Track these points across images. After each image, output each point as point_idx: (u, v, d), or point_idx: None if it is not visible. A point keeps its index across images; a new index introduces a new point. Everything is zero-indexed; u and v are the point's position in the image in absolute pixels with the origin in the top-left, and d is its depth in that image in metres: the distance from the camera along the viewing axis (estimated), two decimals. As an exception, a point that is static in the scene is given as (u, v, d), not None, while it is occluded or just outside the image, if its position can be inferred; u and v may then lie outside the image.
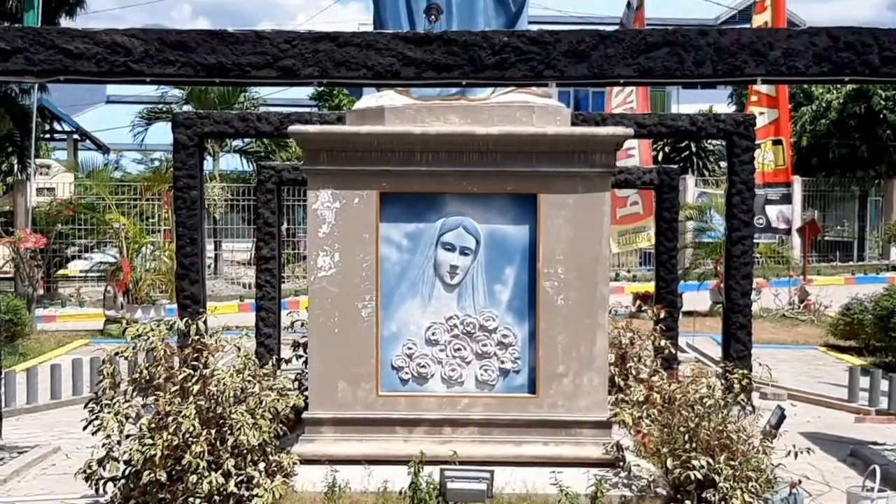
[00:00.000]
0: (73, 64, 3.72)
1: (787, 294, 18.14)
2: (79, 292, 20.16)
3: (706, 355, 12.01)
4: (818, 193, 28.66)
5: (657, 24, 21.43)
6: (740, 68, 3.58)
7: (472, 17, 6.19)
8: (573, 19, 39.90)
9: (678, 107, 38.20)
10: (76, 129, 31.05)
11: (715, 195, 20.96)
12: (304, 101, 33.48)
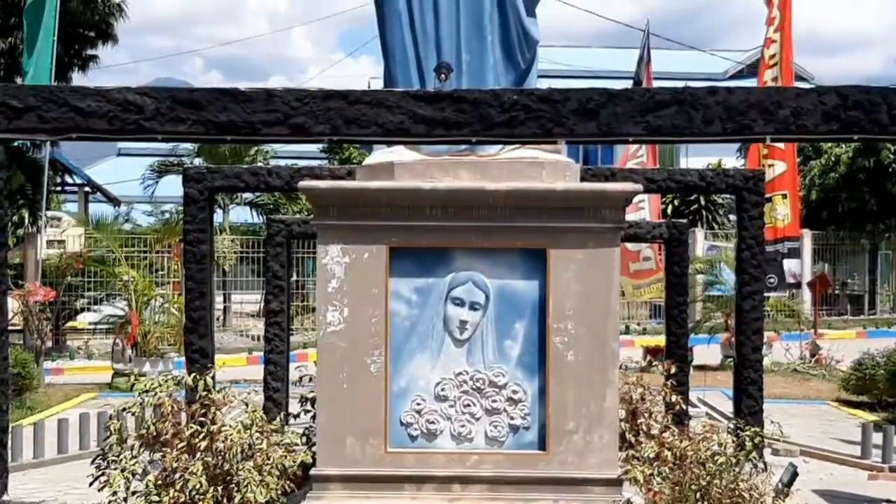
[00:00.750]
0: (85, 122, 3.74)
1: (799, 348, 18.06)
2: (87, 345, 20.18)
3: (717, 410, 11.94)
4: (828, 247, 28.63)
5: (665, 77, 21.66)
6: (749, 127, 3.58)
7: (481, 74, 6.23)
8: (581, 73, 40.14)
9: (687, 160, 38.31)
10: (87, 181, 31.25)
11: (724, 248, 20.96)
12: (315, 153, 33.67)
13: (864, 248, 30.01)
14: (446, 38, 6.25)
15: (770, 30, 15.86)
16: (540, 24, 6.58)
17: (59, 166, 28.00)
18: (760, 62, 16.56)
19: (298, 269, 23.79)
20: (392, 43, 6.35)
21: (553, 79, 34.69)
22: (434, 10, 6.29)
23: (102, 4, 22.14)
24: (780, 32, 15.68)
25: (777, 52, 15.69)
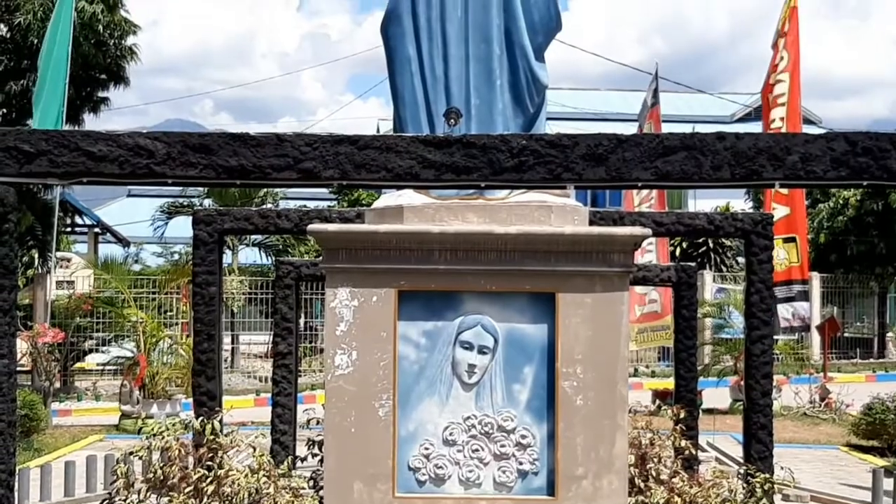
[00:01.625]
0: (96, 166, 3.76)
1: (808, 392, 17.98)
2: (95, 386, 20.16)
3: (727, 455, 11.86)
4: (837, 290, 28.58)
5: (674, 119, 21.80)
6: (758, 172, 3.59)
7: (490, 119, 6.26)
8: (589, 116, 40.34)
9: (695, 202, 38.38)
10: (97, 222, 31.38)
11: (733, 291, 20.93)
12: (324, 194, 33.80)
13: (873, 292, 29.94)
14: (455, 83, 6.29)
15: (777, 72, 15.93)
16: (549, 67, 6.62)
17: (69, 207, 28.13)
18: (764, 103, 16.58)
19: (307, 310, 23.80)
20: (402, 87, 6.39)
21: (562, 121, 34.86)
22: (443, 55, 6.34)
23: (115, 48, 22.32)
24: (787, 73, 15.73)
25: (784, 93, 15.73)
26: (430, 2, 6.37)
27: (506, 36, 6.32)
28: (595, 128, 15.74)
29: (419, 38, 6.38)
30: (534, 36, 6.35)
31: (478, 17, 6.32)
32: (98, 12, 21.11)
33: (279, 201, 27.04)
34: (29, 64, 21.20)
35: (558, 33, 6.60)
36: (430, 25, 6.37)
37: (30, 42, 20.68)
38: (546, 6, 6.37)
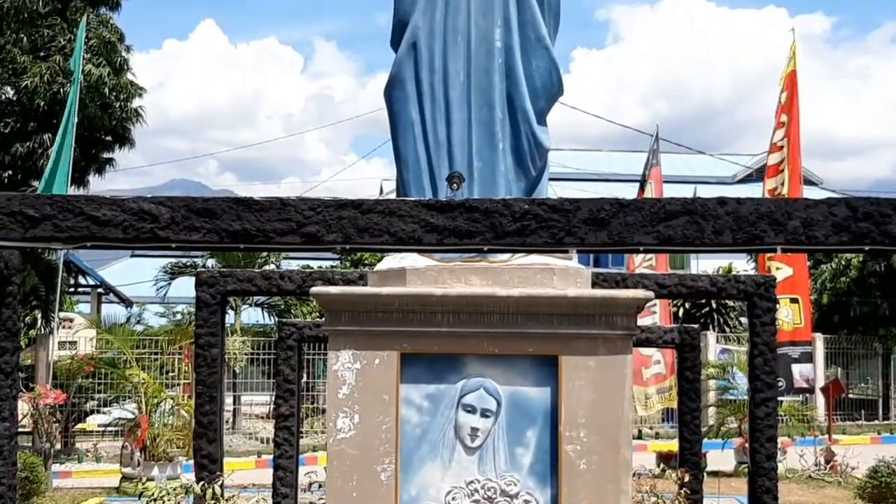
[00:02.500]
0: (101, 231, 3.77)
1: (813, 454, 17.84)
2: (96, 447, 20.05)
3: (732, 518, 11.75)
4: (840, 351, 28.50)
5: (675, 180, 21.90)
6: (759, 237, 3.59)
7: (493, 182, 6.30)
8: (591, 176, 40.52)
9: (697, 262, 38.39)
10: (101, 283, 31.43)
11: (737, 352, 20.87)
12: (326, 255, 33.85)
13: (877, 353, 29.83)
14: (458, 147, 6.33)
15: (778, 134, 16.00)
16: (551, 127, 6.67)
17: (73, 267, 28.19)
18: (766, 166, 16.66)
19: (309, 370, 23.70)
20: (405, 151, 6.44)
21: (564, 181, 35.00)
22: (446, 119, 6.39)
23: (120, 110, 22.51)
24: (787, 138, 15.81)
25: (785, 156, 15.80)
26: (433, 67, 6.44)
27: (508, 100, 6.38)
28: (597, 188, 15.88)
29: (422, 102, 6.44)
30: (536, 100, 6.41)
31: (480, 82, 6.39)
32: (104, 75, 21.33)
33: (282, 262, 27.08)
34: (35, 126, 21.38)
35: (560, 97, 6.66)
36: (433, 90, 6.43)
37: (36, 104, 20.86)
38: (548, 71, 6.44)
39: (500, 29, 6.41)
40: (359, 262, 27.31)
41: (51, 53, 21.45)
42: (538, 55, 6.43)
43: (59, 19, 21.76)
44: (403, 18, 6.56)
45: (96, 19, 22.30)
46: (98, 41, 21.66)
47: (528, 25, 6.41)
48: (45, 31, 21.59)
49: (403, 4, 6.56)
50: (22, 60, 21.11)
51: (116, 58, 22.28)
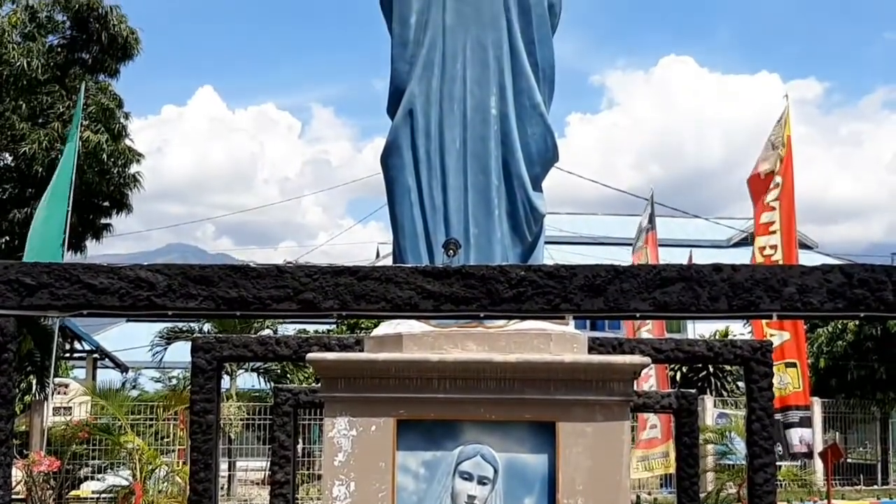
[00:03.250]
0: (97, 298, 3.78)
1: (813, 520, 17.71)
2: (90, 515, 19.87)
3: (732, 586, 11.62)
4: (838, 415, 28.39)
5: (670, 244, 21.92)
6: (755, 304, 3.60)
7: (489, 247, 6.32)
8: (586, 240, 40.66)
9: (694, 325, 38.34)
10: (96, 348, 31.34)
11: (735, 416, 20.79)
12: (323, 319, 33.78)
13: (875, 417, 29.71)
14: (454, 213, 6.36)
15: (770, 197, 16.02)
16: (547, 191, 6.71)
17: (68, 333, 28.09)
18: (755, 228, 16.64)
19: (305, 436, 23.57)
20: (401, 217, 6.47)
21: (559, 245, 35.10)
22: (442, 185, 6.43)
23: (118, 176, 22.61)
24: (779, 202, 15.85)
25: (777, 219, 15.82)
26: (430, 134, 6.49)
27: (504, 167, 6.42)
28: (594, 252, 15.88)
29: (418, 169, 6.48)
30: (531, 167, 6.46)
31: (476, 149, 6.44)
32: (102, 141, 21.44)
33: (278, 326, 27.03)
34: (33, 192, 21.45)
35: (555, 163, 6.71)
36: (430, 157, 6.48)
37: (34, 171, 20.95)
38: (543, 138, 6.49)
39: (495, 97, 6.48)
40: (355, 326, 27.26)
41: (49, 120, 21.59)
42: (533, 122, 6.49)
43: (57, 86, 21.94)
44: (400, 86, 6.63)
45: (95, 86, 22.47)
46: (96, 108, 21.82)
47: (523, 93, 6.48)
48: (44, 98, 21.76)
49: (400, 73, 6.63)
50: (21, 127, 21.25)
51: (115, 124, 22.43)
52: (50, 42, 22.57)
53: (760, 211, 15.92)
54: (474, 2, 6.58)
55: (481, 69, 6.53)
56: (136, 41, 22.62)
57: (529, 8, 6.56)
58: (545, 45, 6.63)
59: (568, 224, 42.89)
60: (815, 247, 48.57)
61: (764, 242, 15.75)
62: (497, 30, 6.55)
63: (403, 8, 6.65)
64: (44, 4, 22.31)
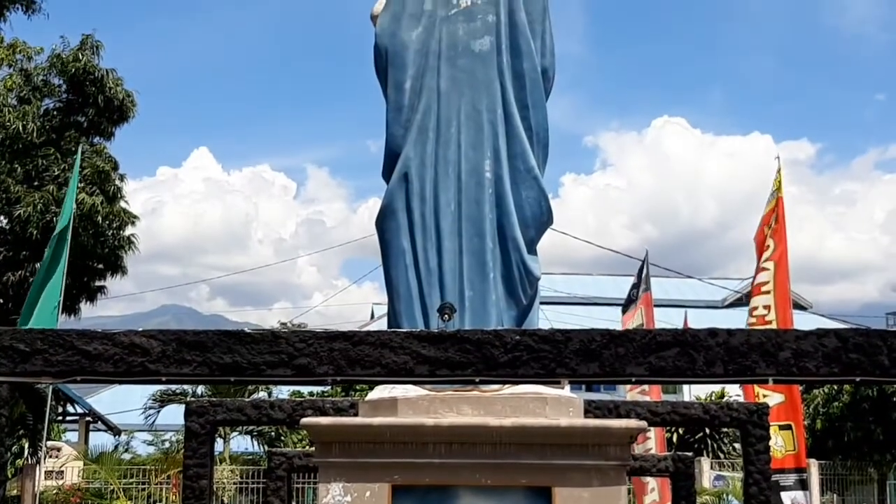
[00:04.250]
0: (91, 365, 3.77)
1: (813, 583, 17.50)
2: (79, 581, 19.62)
3: None
4: (836, 477, 28.20)
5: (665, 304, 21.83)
6: (751, 368, 3.60)
7: (484, 311, 6.31)
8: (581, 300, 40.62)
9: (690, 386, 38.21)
10: (89, 410, 31.14)
11: (732, 478, 20.65)
12: (317, 381, 33.60)
13: (872, 479, 29.50)
14: (449, 276, 6.37)
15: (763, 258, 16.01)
16: (541, 251, 6.73)
17: (61, 395, 27.93)
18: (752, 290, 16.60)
19: (299, 500, 23.32)
20: (396, 280, 6.47)
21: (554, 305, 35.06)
22: (437, 247, 6.44)
23: (113, 238, 22.61)
24: (774, 262, 15.84)
25: (771, 279, 15.79)
26: (424, 197, 6.52)
27: (498, 230, 6.44)
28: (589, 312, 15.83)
29: (413, 231, 6.50)
30: (526, 230, 6.48)
31: (471, 212, 6.46)
32: (98, 204, 21.47)
33: (272, 389, 26.90)
34: (27, 255, 21.43)
35: (550, 226, 6.73)
36: (425, 220, 6.49)
37: (29, 233, 20.95)
38: (537, 201, 6.52)
39: (489, 160, 6.51)
40: (350, 388, 27.13)
41: (45, 183, 21.64)
42: (528, 185, 6.52)
43: (53, 149, 22.01)
44: (395, 150, 6.67)
45: (90, 149, 22.55)
46: (92, 170, 21.88)
47: (517, 157, 6.52)
48: (40, 161, 21.81)
49: (395, 137, 6.67)
50: (16, 190, 21.28)
51: (110, 186, 22.46)
52: (46, 105, 22.68)
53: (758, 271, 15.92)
54: (469, 67, 6.64)
55: (476, 133, 6.57)
56: (133, 104, 22.75)
57: (523, 73, 6.62)
58: (539, 110, 6.68)
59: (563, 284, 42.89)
60: (809, 307, 48.56)
61: (758, 303, 15.72)
62: (491, 95, 6.61)
63: (398, 74, 6.71)
64: (40, 68, 22.46)
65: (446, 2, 6.78)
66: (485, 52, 6.66)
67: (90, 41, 22.35)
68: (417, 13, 6.79)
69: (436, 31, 6.73)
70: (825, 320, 38.45)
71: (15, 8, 21.10)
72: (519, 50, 6.64)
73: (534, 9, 6.77)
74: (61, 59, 22.10)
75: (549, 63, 6.81)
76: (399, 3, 6.84)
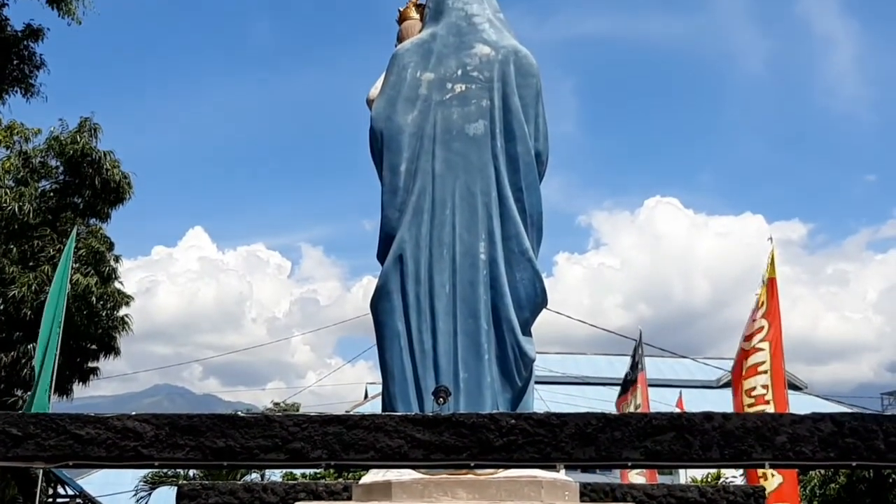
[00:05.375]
0: (84, 449, 3.75)
1: None
2: None
3: None
4: (835, 559, 27.84)
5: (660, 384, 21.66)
6: (747, 453, 3.59)
7: (479, 392, 6.29)
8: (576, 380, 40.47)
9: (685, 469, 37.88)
10: (80, 492, 30.74)
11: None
12: (310, 463, 33.25)
13: (870, 561, 29.13)
14: (444, 357, 6.36)
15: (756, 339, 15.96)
16: (535, 330, 6.72)
17: (52, 477, 27.58)
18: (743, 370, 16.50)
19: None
20: (391, 362, 6.46)
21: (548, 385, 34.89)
22: (432, 329, 6.44)
23: (107, 319, 22.52)
24: (768, 342, 15.79)
25: (766, 360, 15.72)
26: (419, 279, 6.54)
27: (493, 312, 6.45)
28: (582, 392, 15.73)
29: (408, 313, 6.50)
30: (520, 312, 6.49)
31: (465, 293, 6.47)
32: (92, 284, 21.43)
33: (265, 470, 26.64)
34: (21, 335, 21.33)
35: (544, 308, 6.74)
36: (419, 301, 6.51)
37: (23, 314, 20.86)
38: (532, 283, 6.54)
39: (484, 242, 6.55)
40: (344, 469, 26.88)
41: (39, 263, 21.60)
42: (522, 267, 6.55)
43: (48, 230, 22.02)
44: (390, 232, 6.70)
45: (86, 229, 22.57)
46: (87, 251, 21.87)
47: (511, 239, 6.56)
48: (35, 242, 21.81)
49: (390, 219, 6.71)
50: (10, 271, 21.24)
51: (104, 267, 22.43)
52: (42, 186, 22.76)
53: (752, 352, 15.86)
54: (463, 150, 6.71)
55: (470, 215, 6.62)
56: (129, 185, 22.80)
57: (517, 156, 6.69)
58: (533, 192, 6.74)
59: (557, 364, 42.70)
60: (804, 388, 48.35)
61: (756, 383, 15.64)
62: (485, 177, 6.66)
63: (394, 157, 6.78)
64: (38, 150, 22.57)
65: (441, 87, 6.87)
66: (479, 136, 6.73)
67: (88, 124, 22.50)
68: (413, 97, 6.88)
69: (431, 115, 6.82)
70: (821, 401, 38.29)
71: (13, 90, 21.26)
72: (513, 134, 6.72)
73: (527, 93, 6.86)
74: (59, 141, 22.21)
75: (542, 146, 6.88)
76: (394, 88, 6.94)
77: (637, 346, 19.43)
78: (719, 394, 43.74)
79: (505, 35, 7.12)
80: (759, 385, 15.59)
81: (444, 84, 6.89)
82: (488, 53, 6.94)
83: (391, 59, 7.13)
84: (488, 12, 7.24)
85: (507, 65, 6.90)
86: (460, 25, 7.11)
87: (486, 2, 7.31)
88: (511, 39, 7.10)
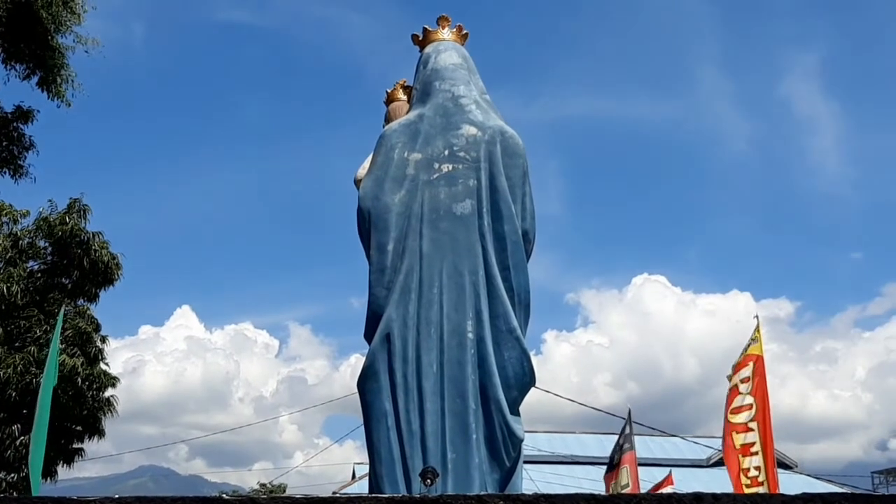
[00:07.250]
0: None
1: None
2: None
3: None
4: None
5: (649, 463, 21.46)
6: (737, 533, 3.58)
7: (467, 473, 6.25)
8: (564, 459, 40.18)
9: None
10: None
11: None
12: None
13: None
14: (432, 438, 6.32)
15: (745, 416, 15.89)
16: (524, 409, 6.68)
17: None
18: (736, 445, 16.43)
19: None
20: (378, 443, 6.42)
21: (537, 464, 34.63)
22: (420, 409, 6.41)
23: (93, 400, 22.34)
24: (756, 423, 15.74)
25: (758, 440, 15.65)
26: (407, 358, 6.53)
27: (481, 391, 6.43)
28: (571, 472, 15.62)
29: (395, 393, 6.48)
30: (508, 391, 6.47)
31: (453, 373, 6.46)
32: (78, 365, 21.30)
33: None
34: (6, 417, 21.13)
35: (532, 387, 6.73)
36: (407, 381, 6.49)
37: (8, 395, 20.70)
38: (519, 362, 6.53)
39: (471, 321, 6.55)
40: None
41: (26, 344, 21.48)
42: (510, 346, 6.55)
43: (35, 310, 21.92)
44: (377, 311, 6.71)
45: (73, 310, 22.49)
46: (74, 332, 21.77)
47: (499, 318, 6.57)
48: (22, 323, 21.71)
49: (378, 298, 6.72)
50: (-3, 351, 21.13)
51: (91, 348, 22.31)
52: (30, 267, 22.71)
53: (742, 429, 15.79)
54: (450, 230, 6.75)
55: (458, 294, 6.63)
56: (118, 266, 22.75)
57: (504, 236, 6.73)
58: (520, 271, 6.76)
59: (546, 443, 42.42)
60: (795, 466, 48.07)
61: (749, 464, 15.55)
62: (473, 257, 6.70)
63: (381, 236, 6.81)
64: (27, 231, 22.57)
65: (428, 167, 6.94)
66: (466, 215, 6.78)
67: (78, 205, 22.54)
68: (400, 177, 6.94)
69: (418, 195, 6.87)
70: (812, 480, 38.03)
71: (2, 172, 21.36)
72: (500, 213, 6.76)
73: (514, 174, 6.93)
74: (48, 222, 22.23)
75: (529, 226, 6.92)
76: (382, 168, 7.00)
77: (625, 425, 19.35)
78: (709, 473, 43.47)
79: (491, 116, 7.21)
80: (752, 467, 15.50)
81: (432, 164, 6.96)
82: (475, 134, 7.02)
83: (379, 140, 7.20)
84: (475, 93, 7.33)
85: (494, 145, 6.97)
86: (447, 106, 7.20)
87: (472, 83, 7.41)
88: (497, 120, 7.18)
